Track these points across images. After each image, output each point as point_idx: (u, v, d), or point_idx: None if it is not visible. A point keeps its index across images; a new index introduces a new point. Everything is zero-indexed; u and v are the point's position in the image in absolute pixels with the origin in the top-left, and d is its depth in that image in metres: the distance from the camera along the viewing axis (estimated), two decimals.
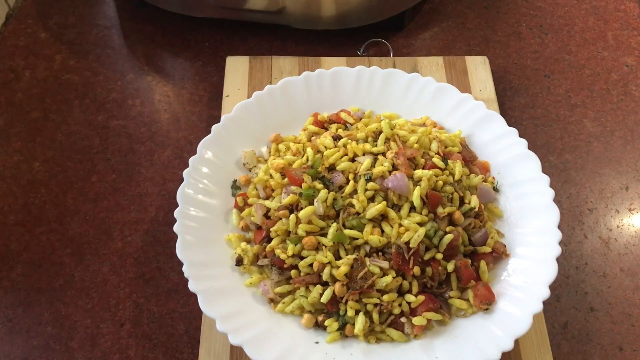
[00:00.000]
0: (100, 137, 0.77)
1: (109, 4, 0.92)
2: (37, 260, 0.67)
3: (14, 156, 0.75)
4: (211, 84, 0.83)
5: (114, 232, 0.70)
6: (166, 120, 0.79)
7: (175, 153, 0.76)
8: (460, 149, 0.68)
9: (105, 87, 0.82)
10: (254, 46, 0.87)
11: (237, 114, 0.69)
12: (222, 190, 0.66)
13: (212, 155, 0.67)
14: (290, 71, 0.80)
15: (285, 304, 0.60)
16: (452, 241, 0.59)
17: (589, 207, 0.73)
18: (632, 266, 0.68)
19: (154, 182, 0.74)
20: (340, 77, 0.73)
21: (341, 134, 0.66)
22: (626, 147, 0.78)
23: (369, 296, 0.58)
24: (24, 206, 0.71)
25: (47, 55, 0.86)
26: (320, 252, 0.59)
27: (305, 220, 0.59)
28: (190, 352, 0.62)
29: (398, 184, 0.59)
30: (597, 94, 0.83)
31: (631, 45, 0.88)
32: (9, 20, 0.89)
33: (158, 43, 0.87)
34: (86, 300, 0.65)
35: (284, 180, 0.64)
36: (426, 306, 0.58)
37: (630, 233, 0.71)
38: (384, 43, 0.86)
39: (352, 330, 0.58)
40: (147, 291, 0.66)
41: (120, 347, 0.62)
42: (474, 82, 0.79)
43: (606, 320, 0.65)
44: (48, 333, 0.63)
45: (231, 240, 0.63)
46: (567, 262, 0.68)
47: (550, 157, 0.77)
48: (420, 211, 0.59)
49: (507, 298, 0.59)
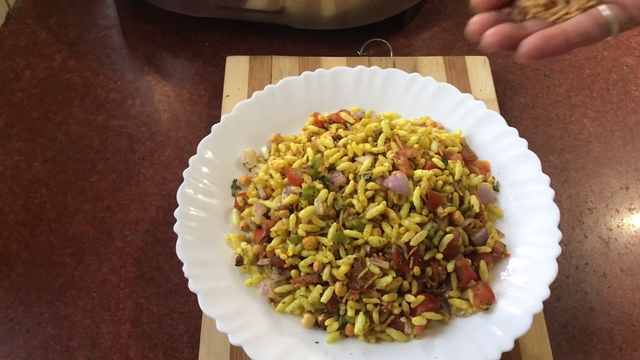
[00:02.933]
0: (100, 137, 0.77)
1: (109, 4, 0.92)
2: (37, 260, 0.67)
3: (14, 156, 0.76)
4: (211, 84, 0.83)
5: (114, 232, 0.70)
6: (166, 120, 0.79)
7: (175, 153, 0.76)
8: (460, 149, 0.68)
9: (105, 87, 0.82)
10: (254, 46, 0.87)
11: (237, 113, 0.69)
12: (222, 190, 0.66)
13: (212, 155, 0.67)
14: (290, 71, 0.80)
15: (285, 304, 0.60)
16: (452, 241, 0.59)
17: (589, 207, 0.73)
18: (632, 266, 0.68)
19: (154, 182, 0.74)
20: (340, 77, 0.73)
21: (341, 134, 0.66)
22: (626, 147, 0.78)
23: (369, 296, 0.58)
24: (24, 206, 0.71)
25: (47, 55, 0.86)
26: (320, 252, 0.59)
27: (305, 220, 0.59)
28: (190, 352, 0.62)
29: (398, 184, 0.59)
30: (597, 94, 0.83)
31: (631, 45, 0.89)
32: (9, 20, 0.89)
33: (158, 43, 0.87)
34: (86, 300, 0.65)
35: (284, 180, 0.64)
36: (426, 306, 0.58)
37: (630, 233, 0.71)
38: (384, 43, 0.86)
39: (352, 330, 0.58)
40: (147, 291, 0.66)
41: (120, 347, 0.62)
42: (474, 82, 0.79)
43: (606, 320, 0.65)
44: (48, 333, 0.63)
45: (231, 240, 0.63)
46: (567, 262, 0.68)
47: (550, 157, 0.77)
48: (420, 211, 0.59)
49: (507, 298, 0.59)
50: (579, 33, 0.38)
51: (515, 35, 0.39)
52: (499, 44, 0.39)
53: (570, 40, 0.38)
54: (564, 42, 0.37)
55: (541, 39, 0.37)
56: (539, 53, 0.37)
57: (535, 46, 0.37)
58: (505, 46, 0.39)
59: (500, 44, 0.39)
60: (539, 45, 0.37)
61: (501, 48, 0.39)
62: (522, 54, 0.38)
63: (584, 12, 0.38)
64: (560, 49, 0.38)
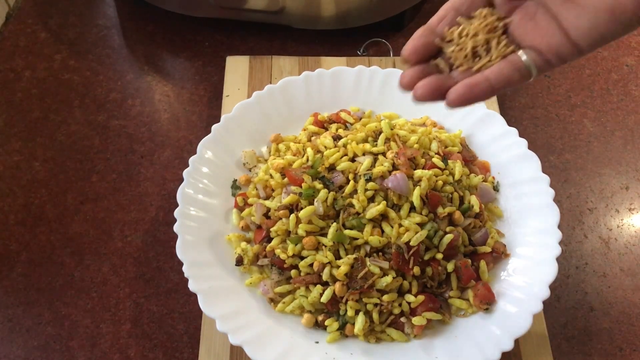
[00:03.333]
0: (100, 137, 0.77)
1: (109, 4, 0.92)
2: (37, 260, 0.67)
3: (14, 156, 0.75)
4: (211, 84, 0.83)
5: (114, 232, 0.70)
6: (166, 120, 0.79)
7: (175, 153, 0.76)
8: (460, 149, 0.68)
9: (105, 87, 0.82)
10: (254, 46, 0.87)
11: (237, 113, 0.69)
12: (222, 190, 0.66)
13: (212, 155, 0.67)
14: (290, 71, 0.80)
15: (285, 304, 0.60)
16: (452, 241, 0.59)
17: (589, 207, 0.73)
18: (632, 266, 0.68)
19: (154, 182, 0.74)
20: (340, 76, 0.73)
21: (341, 134, 0.66)
22: (626, 147, 0.78)
23: (369, 296, 0.58)
24: (24, 206, 0.71)
25: (47, 55, 0.86)
26: (320, 252, 0.59)
27: (305, 220, 0.59)
28: (190, 352, 0.62)
29: (398, 184, 0.59)
30: (597, 94, 0.83)
31: (631, 45, 0.89)
32: (9, 20, 0.89)
33: (158, 43, 0.87)
34: (86, 300, 0.65)
35: (284, 180, 0.64)
36: (426, 306, 0.58)
37: (630, 233, 0.71)
38: (384, 43, 0.86)
39: (352, 330, 0.58)
40: (147, 291, 0.66)
41: (120, 347, 0.62)
42: None
43: (606, 320, 0.65)
44: (48, 333, 0.63)
45: (231, 240, 0.63)
46: (567, 262, 0.68)
47: (550, 157, 0.77)
48: (420, 211, 0.59)
49: (507, 298, 0.59)
50: (500, 79, 0.40)
51: (443, 85, 0.41)
52: (429, 96, 0.41)
53: (493, 86, 0.40)
54: (487, 89, 0.40)
55: (466, 87, 0.40)
56: (465, 100, 0.40)
57: (461, 94, 0.40)
58: (434, 97, 0.41)
59: (430, 95, 0.41)
60: (464, 94, 0.40)
61: (431, 99, 0.42)
62: (449, 102, 0.41)
63: (505, 59, 0.41)
64: (484, 95, 0.40)
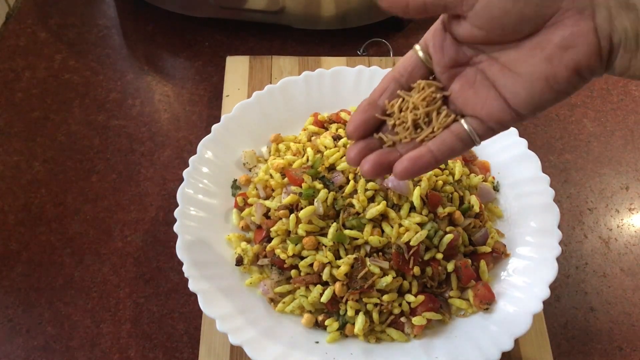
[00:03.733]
0: (100, 137, 0.77)
1: (109, 4, 0.92)
2: (37, 260, 0.67)
3: (14, 156, 0.76)
4: (211, 84, 0.83)
5: (114, 232, 0.70)
6: (166, 120, 0.79)
7: (175, 153, 0.76)
8: None
9: (105, 87, 0.82)
10: (254, 46, 0.87)
11: (237, 113, 0.69)
12: (222, 190, 0.66)
13: (212, 155, 0.67)
14: (290, 71, 0.80)
15: (285, 304, 0.60)
16: (452, 241, 0.59)
17: (589, 207, 0.73)
18: (632, 266, 0.68)
19: (154, 182, 0.74)
20: (340, 76, 0.73)
21: (341, 133, 0.66)
22: (626, 147, 0.78)
23: (369, 296, 0.58)
24: (24, 206, 0.71)
25: (47, 55, 0.86)
26: (320, 252, 0.59)
27: (305, 220, 0.59)
28: (190, 352, 0.62)
29: (398, 184, 0.59)
30: (597, 94, 0.83)
31: None
32: (9, 20, 0.89)
33: (158, 43, 0.87)
34: (86, 300, 0.65)
35: (284, 180, 0.64)
36: (426, 306, 0.58)
37: (630, 233, 0.71)
38: (384, 43, 0.86)
39: (352, 330, 0.58)
40: (147, 291, 0.66)
41: (120, 347, 0.62)
42: None
43: (606, 320, 0.65)
44: (48, 333, 0.63)
45: (231, 240, 0.63)
46: (567, 262, 0.68)
47: (550, 157, 0.77)
48: (420, 211, 0.59)
49: (507, 298, 0.59)
50: (443, 150, 0.41)
51: (387, 160, 0.42)
52: (375, 172, 0.42)
53: (437, 157, 0.40)
54: (431, 160, 0.40)
55: (410, 161, 0.40)
56: (410, 173, 0.41)
57: (406, 168, 0.40)
58: (380, 172, 0.42)
59: (376, 171, 0.42)
60: (408, 167, 0.40)
61: (378, 174, 0.42)
62: (396, 175, 0.41)
63: (447, 129, 0.41)
64: (429, 166, 0.41)
